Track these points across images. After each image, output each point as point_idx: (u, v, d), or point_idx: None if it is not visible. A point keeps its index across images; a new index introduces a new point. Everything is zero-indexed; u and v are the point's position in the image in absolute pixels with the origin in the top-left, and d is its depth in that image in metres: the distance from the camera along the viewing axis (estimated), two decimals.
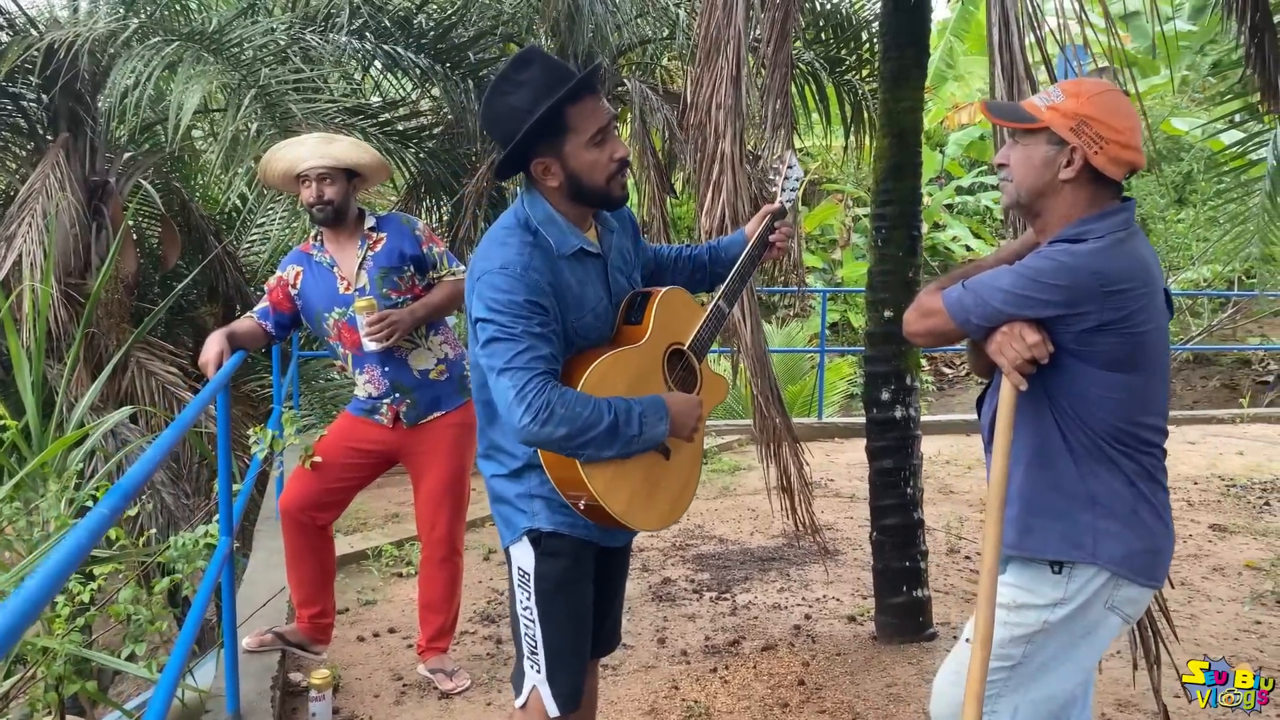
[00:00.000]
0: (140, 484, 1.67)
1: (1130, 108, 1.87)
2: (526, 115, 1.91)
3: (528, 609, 2.12)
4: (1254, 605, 4.26)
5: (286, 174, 3.23)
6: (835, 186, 15.37)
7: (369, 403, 3.28)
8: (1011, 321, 1.82)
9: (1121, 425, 1.84)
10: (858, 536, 5.22)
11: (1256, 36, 4.78)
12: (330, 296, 3.23)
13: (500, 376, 1.88)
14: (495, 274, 1.92)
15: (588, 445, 1.88)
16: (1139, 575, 1.89)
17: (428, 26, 6.91)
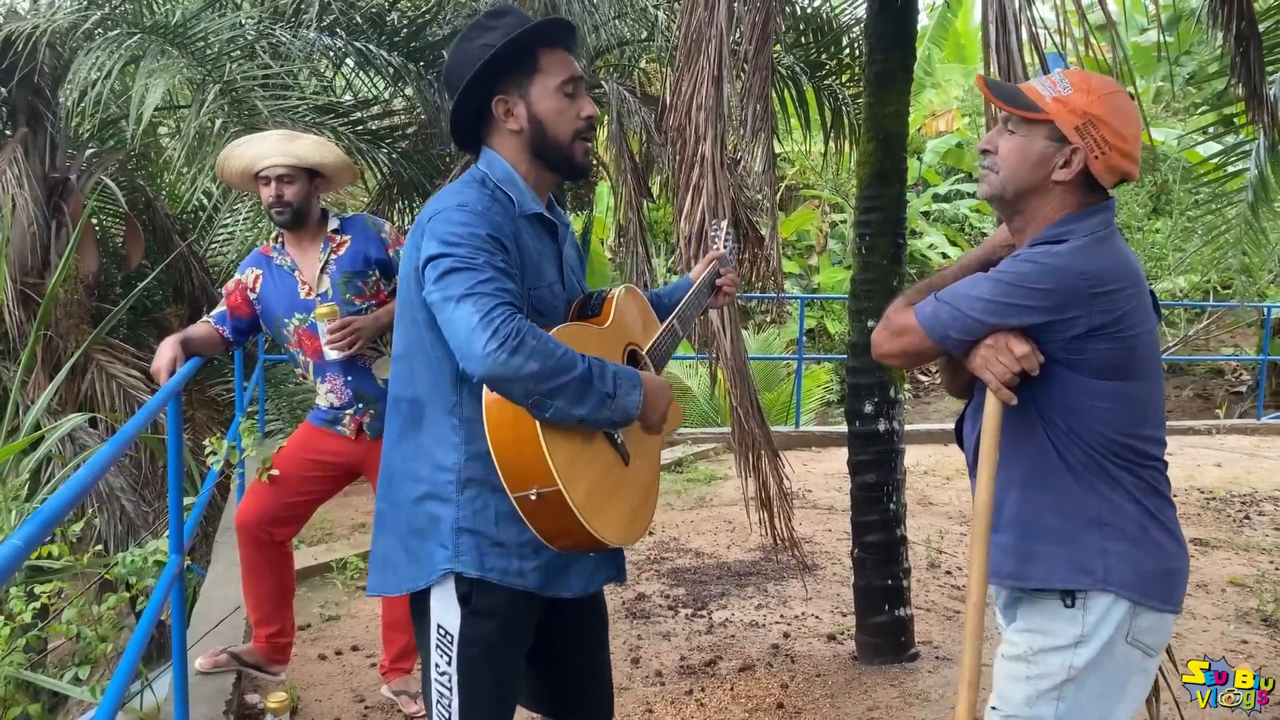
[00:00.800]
0: (63, 513, 1.52)
1: (1137, 114, 1.73)
2: (487, 51, 1.76)
3: (445, 675, 1.80)
4: (1239, 624, 4.18)
5: (245, 172, 3.07)
6: (812, 192, 15.33)
7: (330, 413, 3.12)
8: (995, 333, 1.67)
9: (1118, 438, 1.69)
10: (836, 550, 5.11)
11: (1241, 46, 4.72)
12: (291, 301, 3.07)
13: (460, 303, 1.61)
14: (453, 210, 1.72)
15: (558, 393, 1.60)
16: (1155, 599, 1.72)
17: (400, 24, 6.76)
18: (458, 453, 1.77)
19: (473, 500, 1.76)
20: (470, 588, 1.77)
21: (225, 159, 3.11)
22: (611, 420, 1.69)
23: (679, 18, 3.47)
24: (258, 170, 3.03)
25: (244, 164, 3.06)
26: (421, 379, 1.81)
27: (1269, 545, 5.40)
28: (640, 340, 1.98)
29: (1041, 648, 1.75)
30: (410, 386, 1.82)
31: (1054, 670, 1.74)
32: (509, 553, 1.76)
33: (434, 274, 1.67)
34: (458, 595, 1.77)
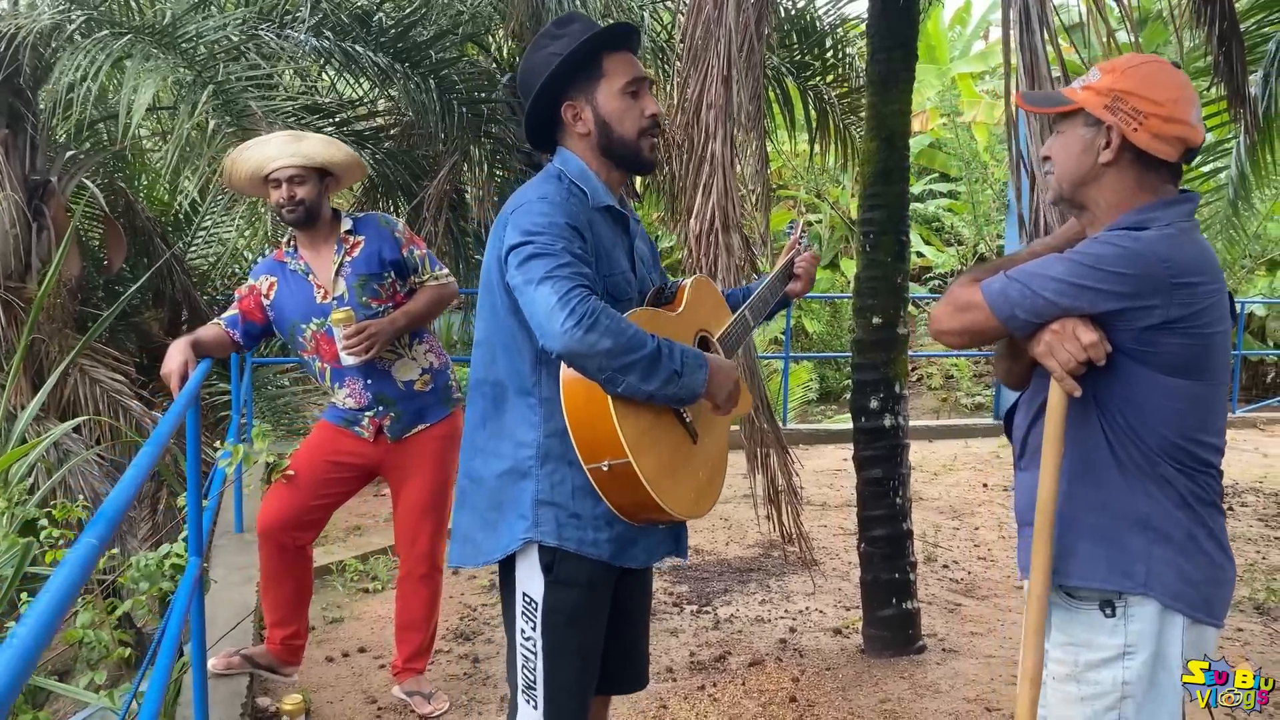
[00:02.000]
0: (124, 509, 1.52)
1: (1176, 78, 1.66)
2: (555, 60, 1.91)
3: (530, 640, 1.92)
4: (1233, 612, 4.25)
5: (254, 176, 3.03)
6: (788, 192, 15.40)
7: (349, 414, 3.10)
8: (1063, 318, 1.61)
9: (1179, 440, 1.64)
10: (833, 546, 5.16)
11: (1224, 45, 4.81)
12: (306, 307, 3.02)
13: (540, 285, 1.73)
14: (534, 202, 1.85)
15: (629, 369, 1.71)
16: (1201, 611, 1.67)
17: (388, 24, 6.73)
18: (536, 430, 1.88)
19: (551, 474, 1.87)
20: (553, 558, 1.88)
21: (232, 164, 3.06)
22: (679, 397, 1.79)
23: (686, 16, 3.49)
24: (268, 173, 3.00)
25: (252, 168, 3.02)
26: (502, 362, 1.93)
27: (1254, 535, 5.50)
28: (712, 327, 2.07)
29: (1089, 662, 1.70)
30: (492, 370, 1.94)
31: (1107, 688, 1.69)
32: (584, 524, 1.87)
33: (516, 260, 1.80)
34: (541, 565, 1.89)
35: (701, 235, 3.29)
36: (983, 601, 4.39)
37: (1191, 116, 1.65)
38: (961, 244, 13.99)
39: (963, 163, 13.19)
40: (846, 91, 7.19)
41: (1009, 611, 4.21)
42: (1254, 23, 5.72)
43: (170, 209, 8.28)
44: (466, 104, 6.57)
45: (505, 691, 3.48)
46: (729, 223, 3.27)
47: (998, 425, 8.25)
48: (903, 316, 3.75)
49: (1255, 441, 8.31)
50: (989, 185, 12.96)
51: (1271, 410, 10.02)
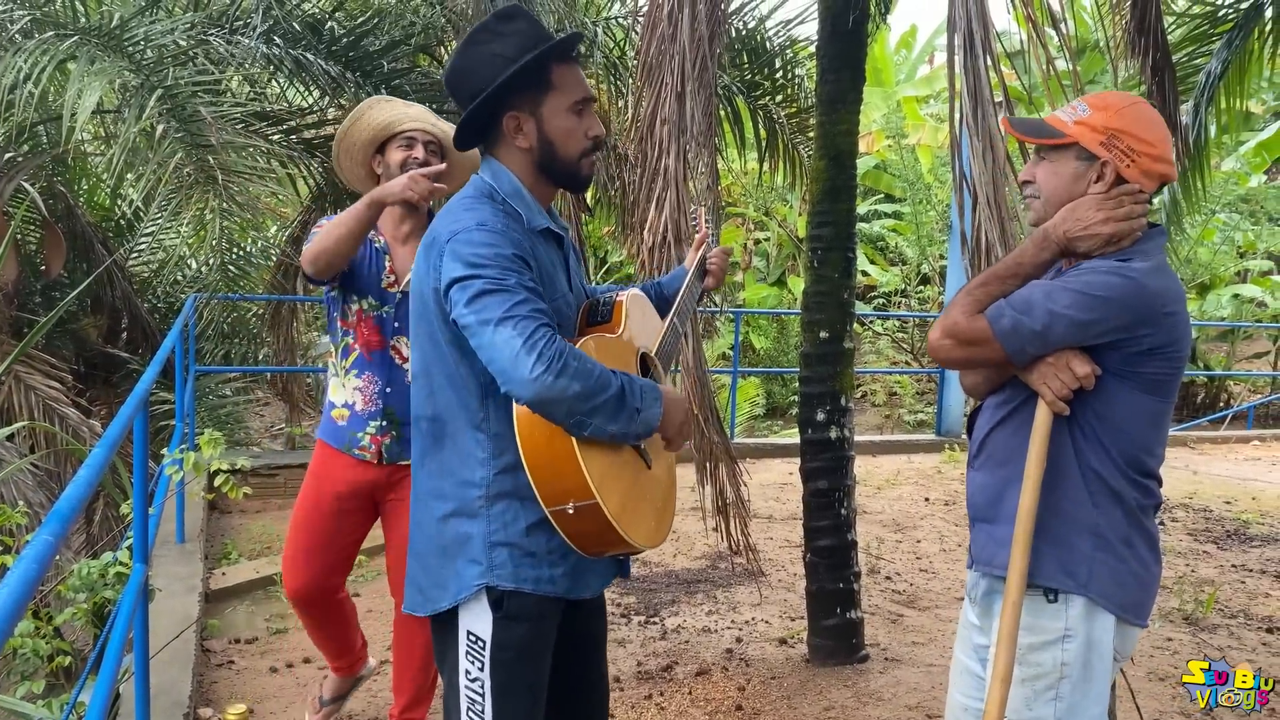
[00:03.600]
0: (79, 506, 1.51)
1: (1159, 118, 1.81)
2: (510, 63, 1.76)
3: (477, 681, 1.79)
4: (1163, 623, 4.40)
5: (385, 128, 2.72)
6: (736, 210, 15.56)
7: (348, 426, 2.79)
8: (1060, 350, 1.75)
9: (1137, 453, 1.79)
10: (779, 558, 5.22)
11: (1157, 75, 4.98)
12: (370, 282, 2.77)
13: (500, 326, 1.61)
14: (473, 230, 1.70)
15: (597, 411, 1.63)
16: (1130, 613, 1.81)
17: (339, 33, 6.70)
18: (485, 468, 1.77)
19: (503, 514, 1.77)
20: (501, 595, 1.77)
21: (358, 117, 2.75)
22: (638, 434, 1.73)
23: (642, 33, 3.55)
24: (401, 129, 2.72)
25: (388, 118, 2.72)
26: (443, 396, 1.79)
27: (1184, 549, 5.68)
28: (649, 344, 2.02)
29: (1031, 645, 1.81)
30: (430, 405, 1.81)
31: (1047, 668, 1.80)
32: (540, 561, 1.78)
33: (464, 295, 1.66)
34: (489, 602, 1.78)
35: (654, 248, 3.33)
36: (924, 612, 4.48)
37: (1172, 155, 1.81)
38: (905, 264, 14.25)
39: (907, 184, 13.45)
40: (795, 111, 7.30)
41: (950, 622, 4.30)
42: (1186, 54, 5.93)
43: (111, 214, 8.14)
44: None
45: None
46: (681, 235, 3.32)
47: (939, 441, 8.41)
48: (849, 331, 3.83)
49: (1186, 459, 8.56)
50: (932, 206, 13.22)
51: (1201, 429, 10.34)
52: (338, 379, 2.83)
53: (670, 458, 2.03)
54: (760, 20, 7.36)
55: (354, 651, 3.13)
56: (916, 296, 13.97)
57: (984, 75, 2.43)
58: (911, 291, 13.95)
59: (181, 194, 5.41)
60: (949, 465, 7.67)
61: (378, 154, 2.76)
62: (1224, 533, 6.12)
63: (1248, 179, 12.87)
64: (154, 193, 6.09)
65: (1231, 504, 6.89)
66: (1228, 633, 4.34)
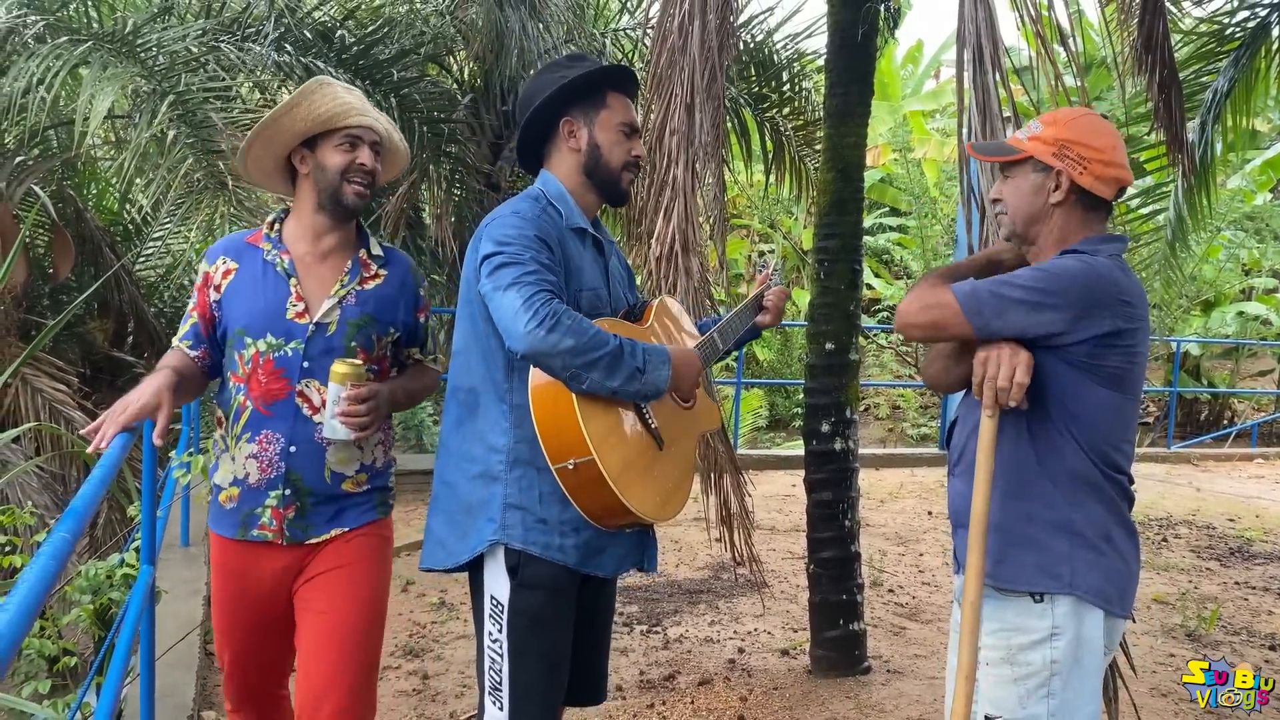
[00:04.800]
0: (95, 504, 1.53)
1: (1108, 127, 1.90)
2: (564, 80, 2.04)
3: (497, 642, 1.97)
4: (1166, 638, 4.39)
5: (329, 120, 2.14)
6: (741, 222, 15.59)
7: (241, 504, 2.17)
8: (1016, 341, 1.78)
9: (1105, 447, 1.83)
10: (781, 569, 5.22)
11: (1164, 93, 5.00)
12: (268, 317, 2.15)
13: (506, 291, 1.84)
14: (508, 217, 1.95)
15: (592, 366, 1.80)
16: (1115, 605, 1.85)
17: (350, 41, 6.74)
18: (507, 435, 1.95)
19: (520, 479, 1.94)
20: (518, 561, 1.94)
21: (297, 103, 2.14)
22: (643, 393, 1.88)
23: (652, 45, 3.57)
24: (349, 123, 2.15)
25: (328, 111, 2.14)
26: (479, 370, 2.00)
27: (1187, 566, 5.67)
28: (679, 345, 2.13)
29: (1020, 645, 1.84)
30: (468, 377, 2.02)
31: (1038, 667, 1.83)
32: (551, 529, 1.93)
33: (487, 269, 1.89)
34: (507, 568, 1.94)
35: (662, 258, 3.35)
36: (927, 625, 4.48)
37: (1125, 161, 1.89)
38: (910, 277, 14.26)
39: (913, 198, 13.48)
40: (802, 124, 7.34)
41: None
42: (1192, 72, 5.95)
43: (120, 219, 8.18)
44: (427, 123, 6.60)
45: (455, 708, 3.48)
46: (689, 246, 3.34)
47: (942, 455, 8.40)
48: (855, 343, 3.84)
49: (1189, 476, 8.56)
50: (938, 220, 13.25)
51: (1205, 447, 10.33)
52: (226, 454, 2.21)
53: (689, 447, 2.13)
54: (769, 34, 7.41)
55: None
56: None
57: (993, 90, 2.46)
58: None
59: (191, 199, 5.44)
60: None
61: (304, 147, 2.17)
62: (1227, 550, 6.11)
63: (1253, 196, 12.88)
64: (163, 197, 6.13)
65: (1235, 521, 6.88)
66: (1230, 649, 4.33)
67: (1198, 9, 6.47)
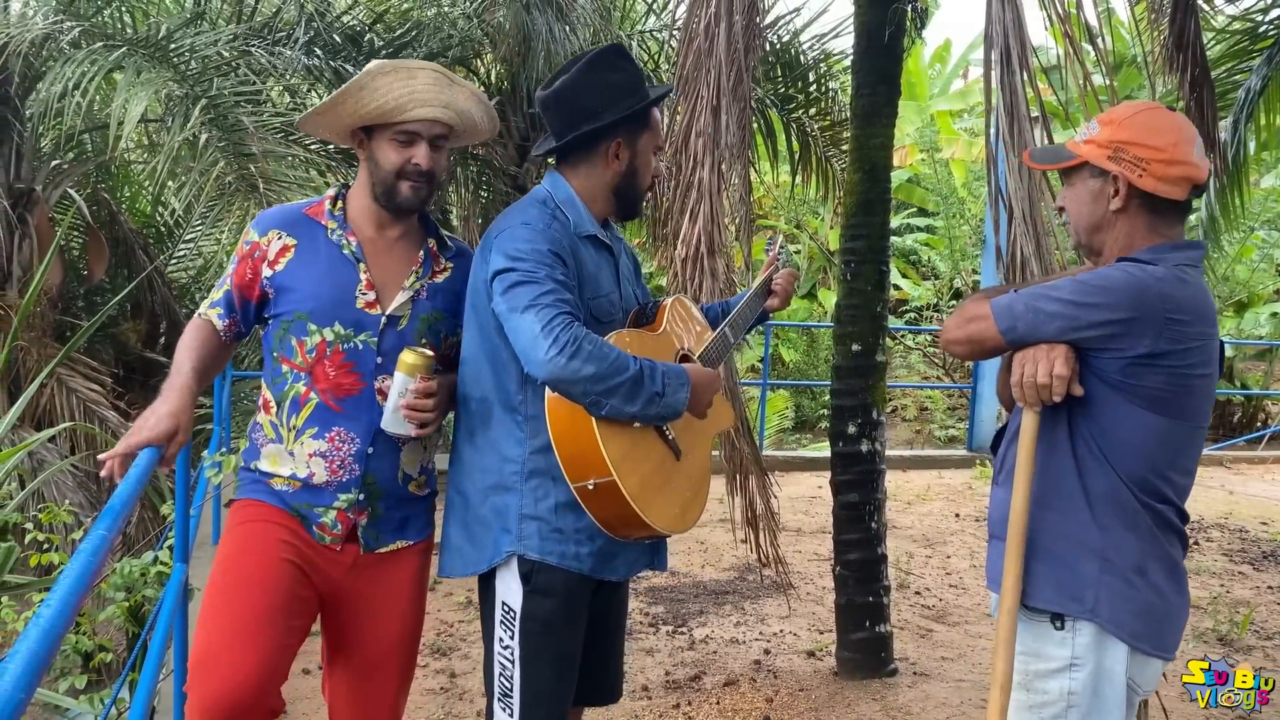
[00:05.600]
0: (132, 502, 1.56)
1: (1173, 121, 1.74)
2: (626, 96, 1.98)
3: (508, 649, 1.97)
4: (1197, 643, 4.35)
5: (394, 112, 1.98)
6: (766, 222, 15.57)
7: (299, 496, 2.00)
8: (1055, 343, 1.70)
9: (1147, 474, 1.72)
10: (808, 570, 5.21)
11: (1195, 92, 4.95)
12: (337, 303, 2.00)
13: (524, 314, 1.80)
14: (517, 228, 1.90)
15: (612, 393, 1.77)
16: (1145, 642, 1.73)
17: (378, 45, 6.80)
18: (522, 446, 1.94)
19: (535, 490, 1.93)
20: (531, 568, 1.93)
21: (363, 87, 1.97)
22: (661, 415, 1.87)
23: (678, 49, 3.58)
24: (404, 119, 1.98)
25: (392, 103, 1.97)
26: (487, 379, 1.97)
27: (1219, 569, 5.61)
28: (692, 345, 2.13)
29: (1037, 672, 1.77)
30: (477, 386, 1.99)
31: (1054, 696, 1.75)
32: (566, 538, 1.93)
33: (501, 287, 1.86)
34: (520, 575, 1.94)
35: (687, 260, 3.36)
36: (954, 628, 4.46)
37: (1193, 155, 1.73)
38: (938, 277, 14.18)
39: (940, 198, 13.39)
40: (829, 124, 7.32)
41: (979, 638, 4.28)
42: (1225, 70, 5.89)
43: (153, 221, 8.29)
44: None
45: (481, 707, 3.50)
46: (714, 248, 3.35)
47: (970, 457, 8.36)
48: (882, 344, 3.83)
49: (1221, 479, 8.46)
50: (965, 221, 13.16)
51: (1238, 449, 10.20)
52: (279, 445, 2.02)
53: (705, 453, 2.13)
54: (795, 34, 7.39)
55: None
56: (949, 311, 13.89)
57: (1020, 91, 2.45)
58: (944, 306, 13.88)
59: (223, 201, 5.52)
60: (980, 481, 7.62)
61: (362, 132, 2.04)
62: (1260, 554, 6.03)
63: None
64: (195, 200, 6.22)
65: (1268, 524, 6.79)
66: (1263, 654, 4.28)
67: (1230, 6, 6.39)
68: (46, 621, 1.01)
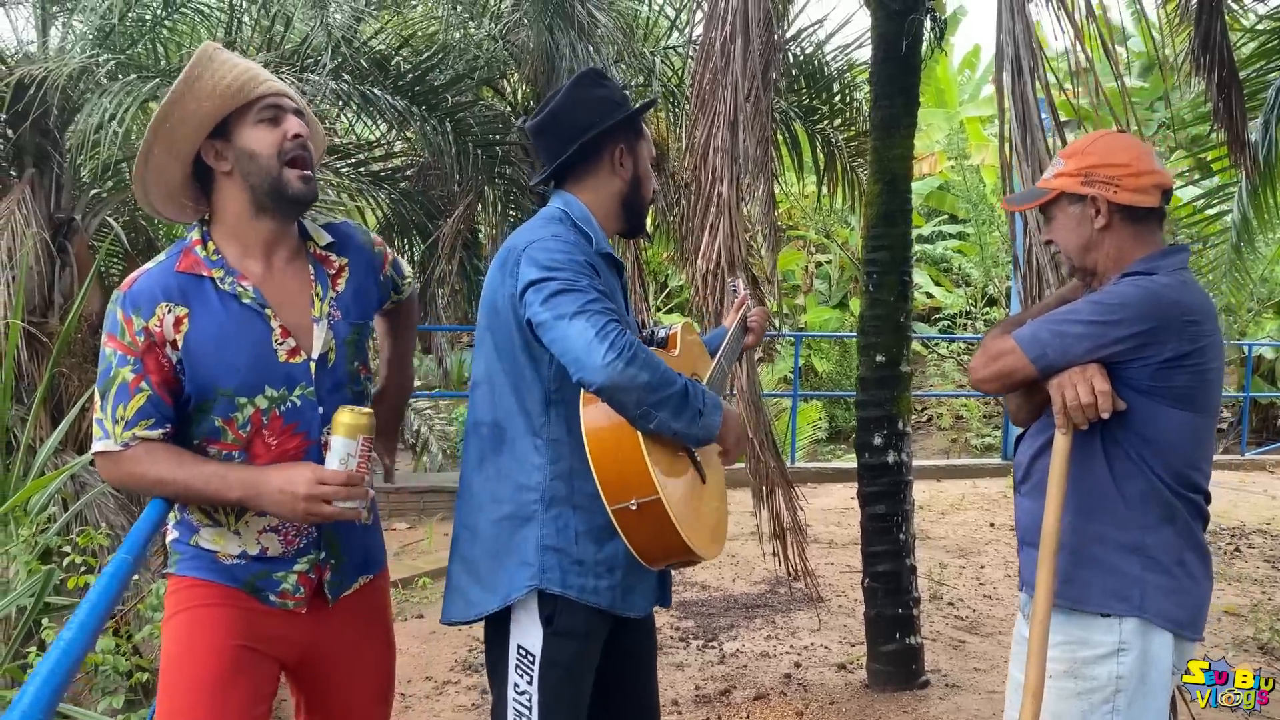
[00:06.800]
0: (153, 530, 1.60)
1: (1127, 140, 1.90)
2: (616, 107, 1.97)
3: (525, 694, 1.84)
4: (1237, 651, 4.28)
5: (238, 89, 1.70)
6: (797, 233, 15.54)
7: (252, 568, 1.76)
8: (1085, 364, 1.78)
9: (1181, 468, 1.80)
10: (839, 583, 5.19)
11: (1224, 93, 4.91)
12: (260, 367, 1.72)
13: (574, 320, 1.70)
14: (548, 239, 1.83)
15: (663, 404, 1.70)
16: (1186, 629, 1.82)
17: (405, 68, 6.90)
18: (542, 473, 1.84)
19: (556, 519, 1.83)
20: (554, 608, 1.82)
21: (192, 82, 1.69)
22: (699, 437, 1.79)
23: (696, 64, 3.61)
24: (261, 91, 1.72)
25: (235, 81, 1.70)
26: (505, 402, 1.87)
27: (1260, 576, 5.52)
28: (700, 372, 2.11)
29: (1085, 659, 1.82)
30: (491, 410, 1.88)
31: (1102, 681, 1.80)
32: (586, 571, 1.84)
33: (540, 296, 1.75)
34: (541, 616, 1.83)
35: (708, 275, 3.38)
36: (987, 639, 4.42)
37: (1156, 165, 1.88)
38: (970, 285, 14.08)
39: (970, 205, 13.32)
40: (854, 135, 7.31)
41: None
42: (1255, 70, 5.82)
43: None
44: (481, 146, 6.73)
45: None
46: (734, 262, 3.36)
47: (1006, 466, 8.28)
48: (906, 354, 3.83)
49: (1264, 484, 8.32)
50: (996, 227, 13.07)
51: None
52: (218, 528, 1.76)
53: (722, 477, 2.10)
54: (818, 45, 7.41)
55: None
56: (982, 318, 13.79)
57: (1032, 101, 2.45)
58: (977, 313, 13.78)
59: None
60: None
61: (215, 139, 1.72)
62: None
63: None
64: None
65: None
66: None
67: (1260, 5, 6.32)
68: (66, 644, 1.05)
